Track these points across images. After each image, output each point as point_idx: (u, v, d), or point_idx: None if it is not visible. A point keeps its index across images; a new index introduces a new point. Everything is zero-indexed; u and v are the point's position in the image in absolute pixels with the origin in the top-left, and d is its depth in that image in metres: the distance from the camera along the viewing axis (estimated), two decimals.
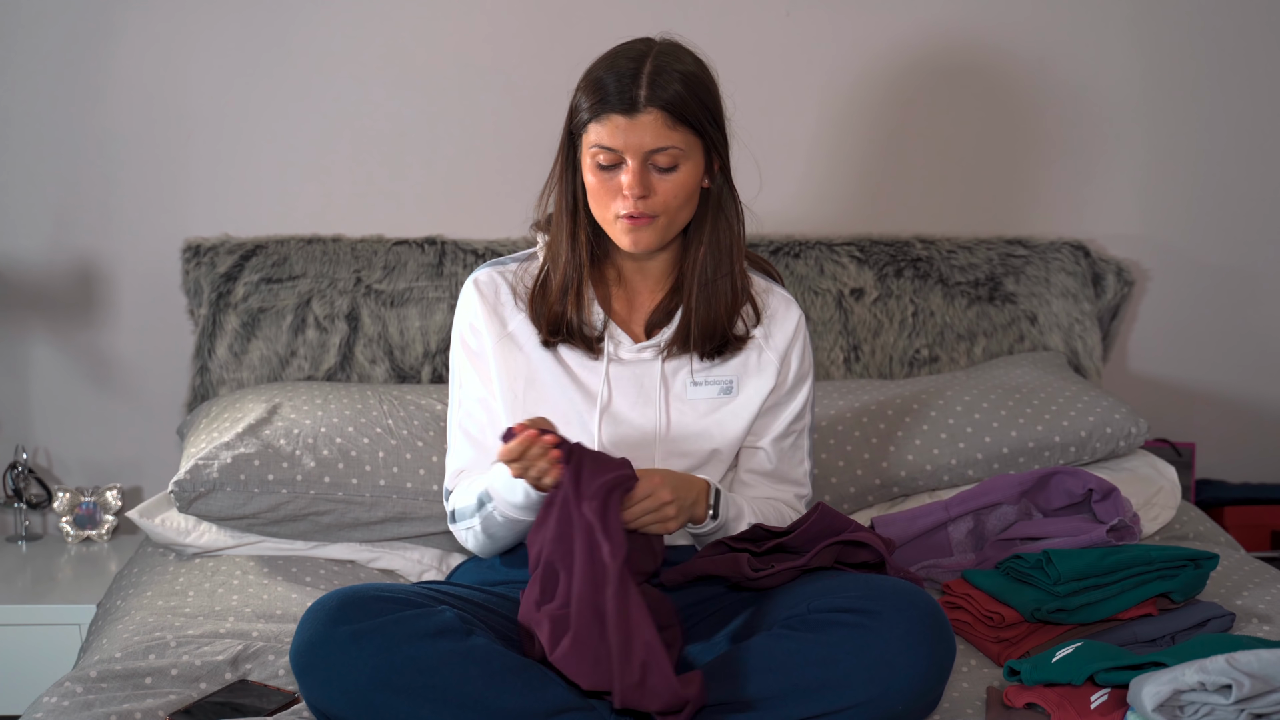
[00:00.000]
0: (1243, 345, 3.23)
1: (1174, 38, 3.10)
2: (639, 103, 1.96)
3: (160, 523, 2.46)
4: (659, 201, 1.99)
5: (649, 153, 1.97)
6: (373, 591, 1.83)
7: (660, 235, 2.02)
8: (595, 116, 1.98)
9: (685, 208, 2.03)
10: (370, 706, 1.75)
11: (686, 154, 1.99)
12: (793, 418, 2.16)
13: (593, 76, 2.00)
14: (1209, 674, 1.72)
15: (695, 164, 2.01)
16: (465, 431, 2.13)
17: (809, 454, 2.20)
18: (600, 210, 2.03)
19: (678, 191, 2.00)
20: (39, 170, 2.93)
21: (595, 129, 1.98)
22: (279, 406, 2.55)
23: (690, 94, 1.98)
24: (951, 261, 2.99)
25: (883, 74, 3.06)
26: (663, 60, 1.99)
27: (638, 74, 1.97)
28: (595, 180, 2.01)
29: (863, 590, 1.84)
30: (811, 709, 1.78)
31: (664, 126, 1.97)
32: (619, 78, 1.96)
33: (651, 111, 1.96)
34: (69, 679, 1.93)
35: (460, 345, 2.14)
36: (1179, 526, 2.61)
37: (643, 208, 1.98)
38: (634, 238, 2.01)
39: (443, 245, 2.91)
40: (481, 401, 2.11)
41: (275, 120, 2.96)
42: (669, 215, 2.01)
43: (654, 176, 1.99)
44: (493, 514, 2.01)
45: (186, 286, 2.90)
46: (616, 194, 1.99)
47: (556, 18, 2.97)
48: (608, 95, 1.96)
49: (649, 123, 1.96)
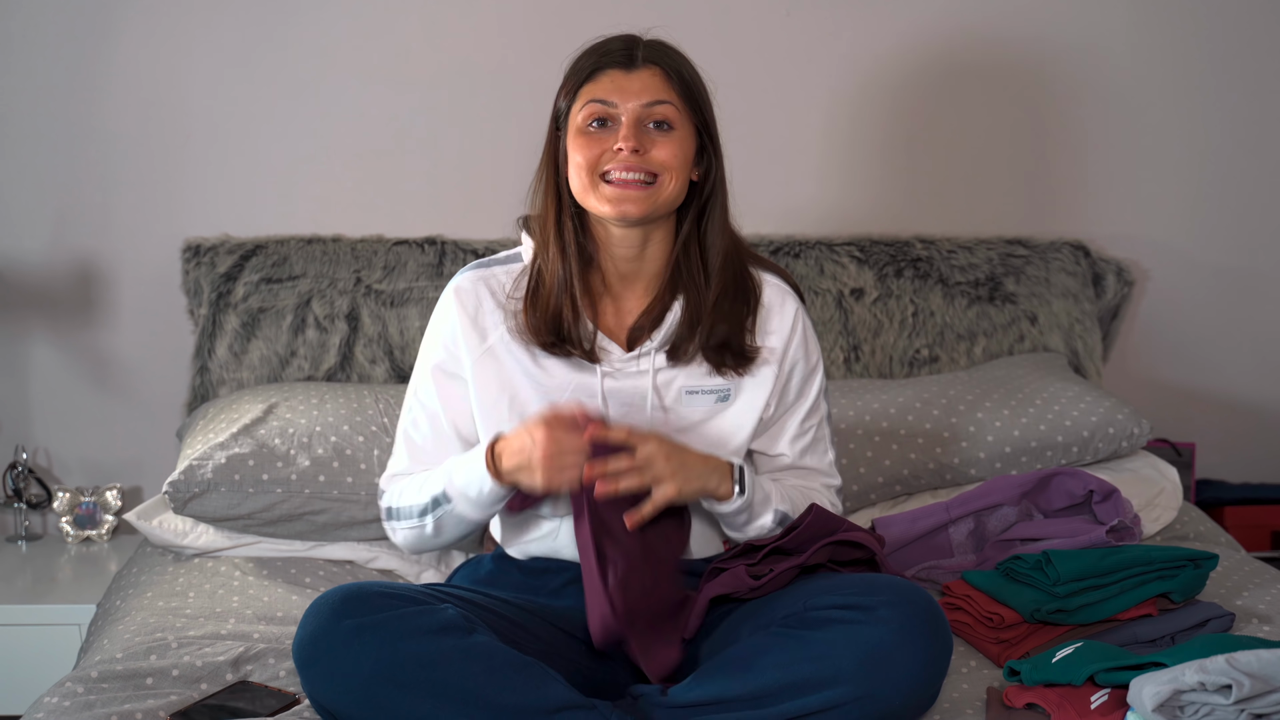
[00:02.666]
0: (1243, 345, 3.23)
1: (1174, 38, 3.10)
2: (637, 59, 1.97)
3: (158, 524, 2.46)
4: (656, 158, 1.95)
5: (646, 106, 1.95)
6: (376, 587, 1.83)
7: (648, 204, 1.96)
8: (589, 76, 1.97)
9: (675, 180, 1.97)
10: (372, 701, 1.75)
11: (680, 121, 1.98)
12: (805, 415, 2.11)
13: (585, 49, 2.01)
14: (1209, 674, 1.72)
15: (687, 136, 1.99)
16: (408, 439, 2.09)
17: (831, 443, 2.15)
18: (586, 180, 1.96)
19: (671, 156, 1.96)
20: (39, 170, 2.93)
21: (589, 88, 1.97)
22: (275, 406, 2.55)
23: (684, 68, 2.00)
24: (951, 261, 2.99)
25: (883, 74, 3.06)
26: (655, 38, 2.02)
27: (635, 40, 2.00)
28: (584, 143, 1.96)
29: (859, 587, 1.84)
30: (810, 705, 1.78)
31: (661, 82, 1.97)
32: (617, 41, 1.99)
33: (650, 66, 1.97)
34: (70, 679, 1.93)
35: (428, 359, 2.08)
36: (1179, 526, 2.61)
37: (635, 163, 1.94)
38: (623, 206, 1.94)
39: (443, 245, 2.91)
40: (432, 417, 2.07)
41: (275, 120, 2.96)
42: (668, 175, 1.96)
43: (648, 136, 1.96)
44: (450, 513, 1.98)
45: (186, 286, 2.90)
46: (606, 154, 1.95)
47: (556, 18, 2.97)
48: (607, 52, 1.98)
49: (647, 77, 1.97)
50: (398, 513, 2.07)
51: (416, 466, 2.09)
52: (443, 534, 2.03)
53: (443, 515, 2.00)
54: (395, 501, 2.07)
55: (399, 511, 2.06)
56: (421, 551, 2.12)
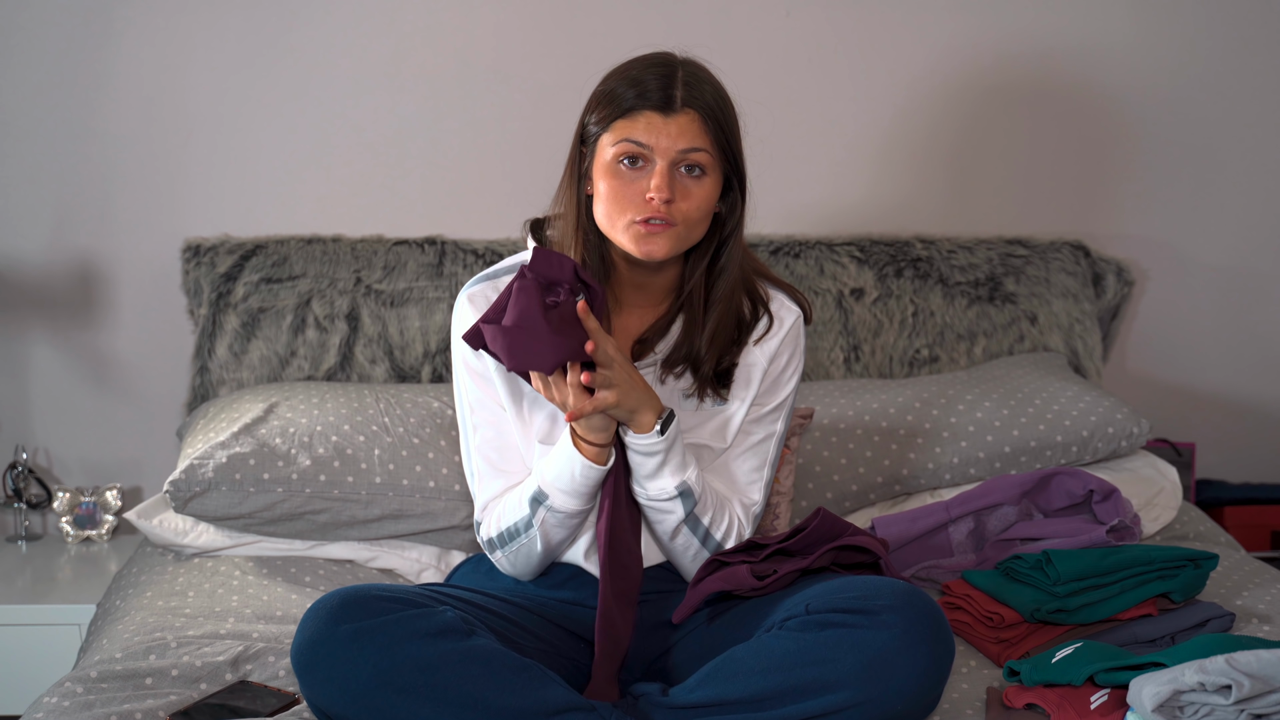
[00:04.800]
0: (1242, 345, 3.23)
1: (1174, 38, 3.11)
2: (675, 102, 1.92)
3: (158, 524, 2.46)
4: (681, 209, 1.92)
5: (681, 152, 1.92)
6: (374, 591, 1.82)
7: (674, 245, 1.94)
8: (625, 113, 1.92)
9: (701, 223, 1.96)
10: (371, 705, 1.75)
11: (713, 165, 1.95)
12: (757, 418, 2.07)
13: (621, 77, 1.95)
14: (1209, 674, 1.72)
15: (716, 180, 1.96)
16: (487, 460, 2.05)
17: (771, 465, 2.09)
18: (614, 215, 1.94)
19: (701, 202, 1.94)
20: (39, 170, 2.93)
21: (623, 125, 1.92)
22: (276, 406, 2.55)
23: (720, 107, 1.95)
24: (951, 261, 2.99)
25: (883, 74, 3.06)
26: (693, 69, 1.96)
27: (673, 76, 1.93)
28: (614, 183, 1.93)
29: (861, 590, 1.84)
30: (811, 709, 1.77)
31: (698, 129, 1.92)
32: (656, 78, 1.92)
33: (689, 112, 1.92)
34: (69, 679, 1.93)
35: (464, 368, 2.05)
36: (1179, 526, 2.61)
37: (666, 212, 1.91)
38: (649, 246, 1.92)
39: (443, 245, 2.91)
40: (495, 425, 2.04)
41: (275, 120, 2.96)
42: (688, 226, 1.94)
43: (679, 182, 1.93)
44: (551, 510, 1.95)
45: (186, 286, 2.90)
46: (636, 198, 1.92)
47: (557, 18, 2.98)
48: (645, 91, 1.92)
49: (685, 123, 1.92)
50: (500, 539, 2.03)
51: (508, 480, 2.04)
52: (550, 539, 1.99)
53: (545, 517, 1.96)
54: (494, 530, 2.03)
55: (501, 538, 2.02)
56: (533, 573, 2.05)
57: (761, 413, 2.08)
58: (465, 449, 2.08)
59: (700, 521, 1.99)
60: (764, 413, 2.08)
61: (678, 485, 1.96)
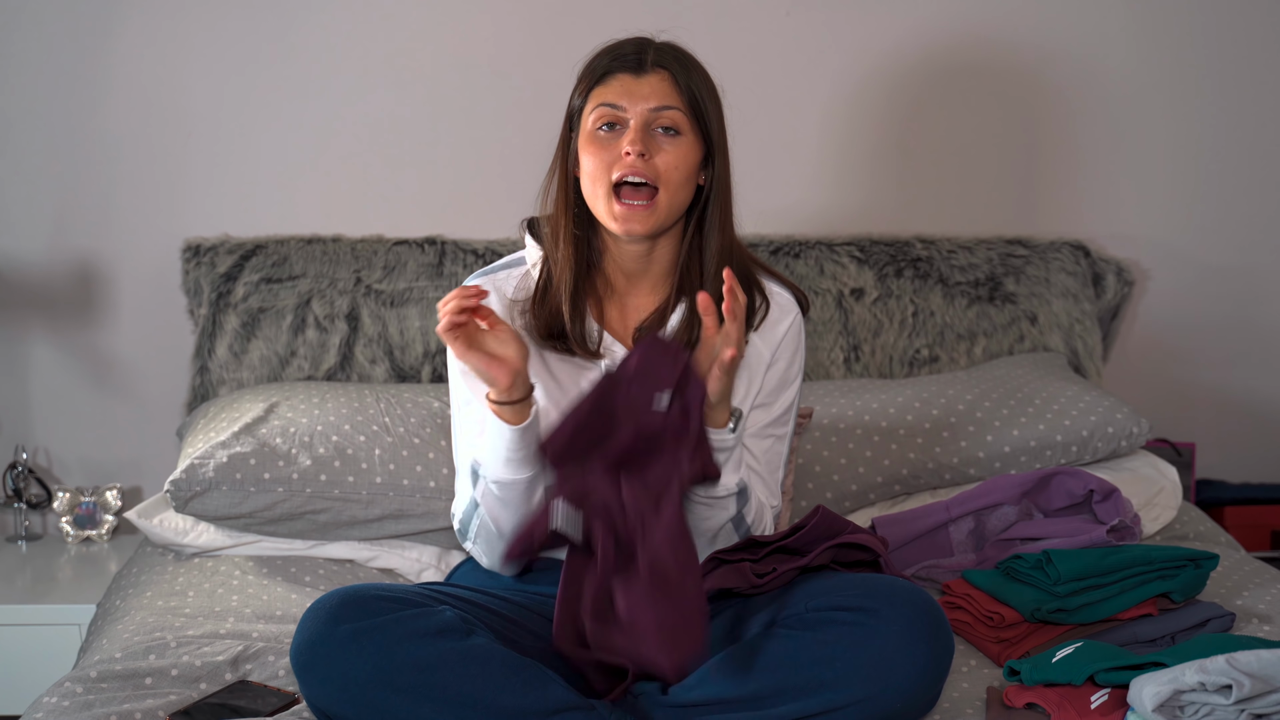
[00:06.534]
0: (1243, 345, 3.23)
1: (1174, 37, 3.11)
2: (646, 63, 2.00)
3: (158, 523, 2.46)
4: (657, 166, 1.97)
5: (653, 110, 1.98)
6: (373, 591, 1.82)
7: (655, 219, 1.98)
8: (600, 79, 2.00)
9: (683, 187, 2.00)
10: (370, 705, 1.75)
11: (687, 127, 1.99)
12: (770, 422, 2.09)
13: (599, 50, 2.04)
14: (1209, 674, 1.72)
15: (693, 144, 2.00)
16: (469, 458, 2.04)
17: (785, 465, 2.14)
18: (595, 182, 1.99)
19: (678, 162, 1.98)
20: (39, 170, 2.93)
21: (599, 91, 2.00)
22: (276, 405, 2.55)
23: (693, 74, 2.02)
24: (951, 261, 2.99)
25: (883, 74, 3.06)
26: (667, 42, 2.05)
27: (646, 43, 2.03)
28: (593, 148, 1.99)
29: (861, 589, 1.84)
30: (810, 707, 1.78)
31: (669, 88, 1.99)
32: (629, 44, 2.02)
33: (660, 72, 1.99)
34: (69, 679, 1.93)
35: (455, 367, 2.05)
36: (1179, 526, 2.61)
37: (643, 167, 1.96)
38: (628, 225, 1.97)
39: (443, 245, 2.91)
40: (482, 424, 2.01)
41: (275, 120, 2.96)
42: (668, 189, 1.98)
43: (654, 141, 1.98)
44: (488, 485, 1.94)
45: (186, 286, 2.91)
46: (614, 159, 1.97)
47: (556, 18, 2.98)
48: (619, 55, 2.00)
49: (655, 82, 1.99)
50: (462, 524, 2.03)
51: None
52: (495, 515, 1.96)
53: (484, 490, 1.95)
54: (457, 518, 2.04)
55: (462, 522, 2.03)
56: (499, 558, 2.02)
57: (771, 416, 2.09)
58: (455, 448, 2.10)
59: (745, 520, 2.01)
60: (774, 416, 2.10)
61: (738, 482, 1.98)
